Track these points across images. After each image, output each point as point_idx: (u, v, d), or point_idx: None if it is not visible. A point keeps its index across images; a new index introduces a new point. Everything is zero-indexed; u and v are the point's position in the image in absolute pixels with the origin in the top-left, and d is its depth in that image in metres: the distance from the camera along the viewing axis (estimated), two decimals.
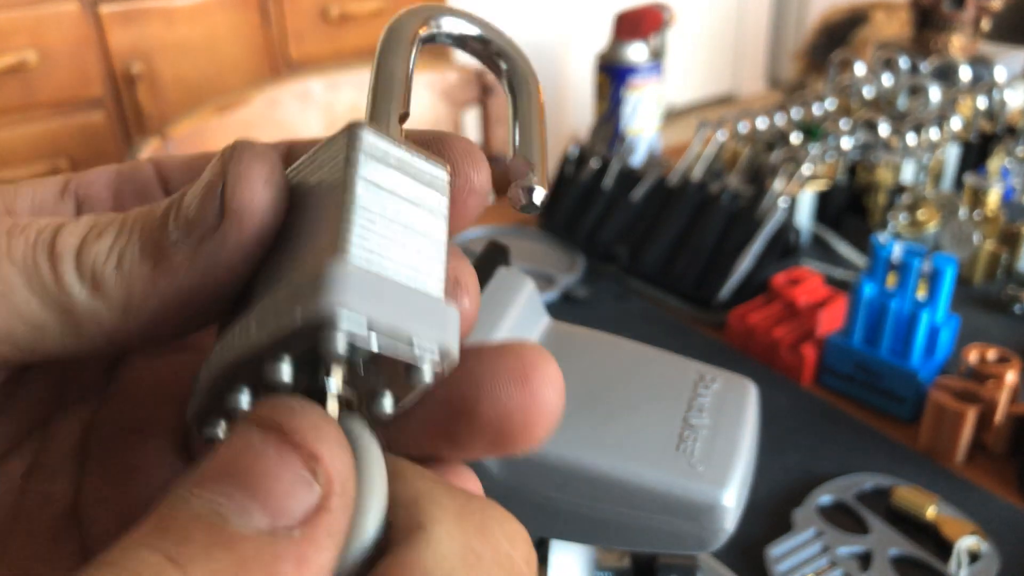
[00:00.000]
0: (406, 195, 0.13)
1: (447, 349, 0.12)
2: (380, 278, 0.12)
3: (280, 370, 0.12)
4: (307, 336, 0.11)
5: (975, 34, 0.98)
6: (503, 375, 0.13)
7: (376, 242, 0.12)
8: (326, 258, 0.11)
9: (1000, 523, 0.42)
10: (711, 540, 0.24)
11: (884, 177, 0.71)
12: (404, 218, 0.13)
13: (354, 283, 0.11)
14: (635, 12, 0.83)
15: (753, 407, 0.27)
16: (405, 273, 0.12)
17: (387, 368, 0.12)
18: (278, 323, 0.11)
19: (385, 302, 0.11)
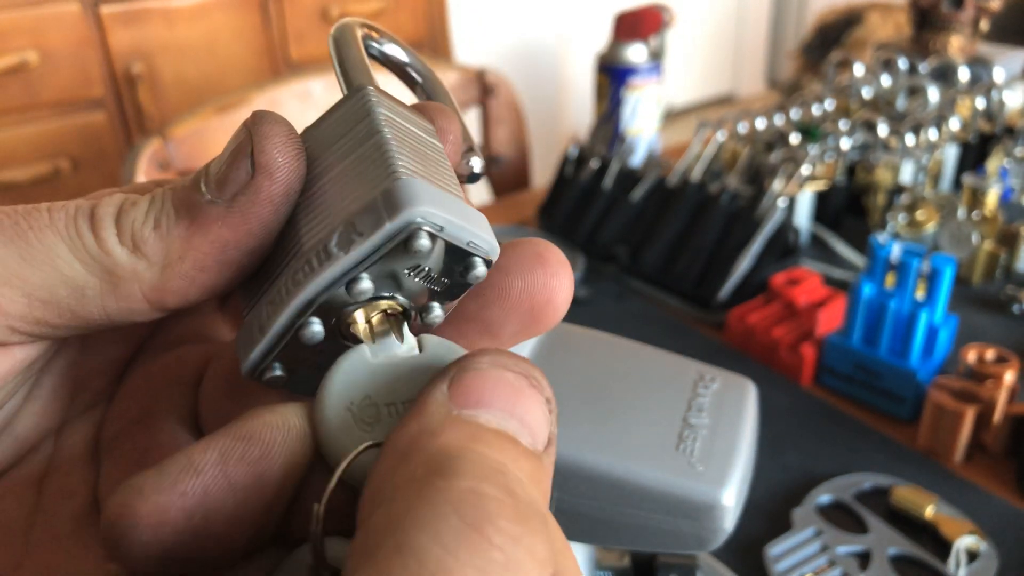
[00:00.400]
0: (417, 135, 0.15)
1: (494, 247, 0.14)
2: (436, 190, 0.13)
3: (363, 288, 0.13)
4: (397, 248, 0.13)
5: (974, 35, 0.98)
6: (525, 259, 0.15)
7: (417, 166, 0.14)
8: (389, 182, 0.13)
9: (998, 522, 0.42)
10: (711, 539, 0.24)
11: (883, 177, 0.71)
12: (423, 152, 0.14)
13: (425, 192, 0.13)
14: (635, 13, 0.83)
15: (752, 407, 0.27)
16: (444, 189, 0.14)
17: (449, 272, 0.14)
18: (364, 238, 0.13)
19: (447, 207, 0.13)
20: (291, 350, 0.14)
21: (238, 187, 0.14)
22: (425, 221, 0.13)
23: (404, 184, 0.13)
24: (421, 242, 0.13)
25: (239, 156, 0.14)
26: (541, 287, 0.14)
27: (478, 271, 0.14)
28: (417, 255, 0.13)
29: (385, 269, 0.13)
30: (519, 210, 0.82)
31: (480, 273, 0.14)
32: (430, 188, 0.13)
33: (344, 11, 1.46)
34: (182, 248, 0.14)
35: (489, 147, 0.98)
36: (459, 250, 0.13)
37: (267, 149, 0.14)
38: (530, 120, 1.06)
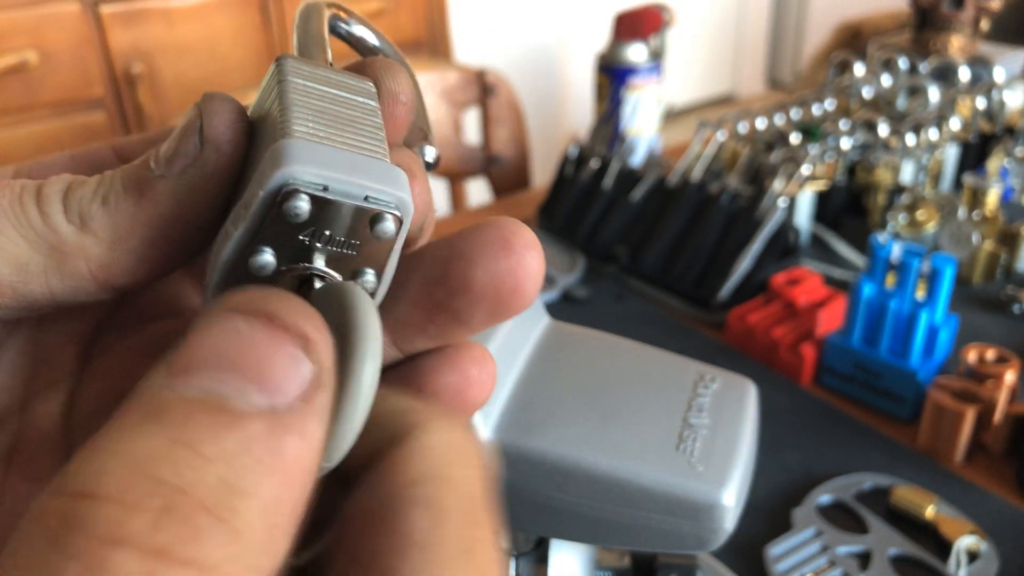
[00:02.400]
0: (338, 97, 0.14)
1: (402, 200, 0.13)
2: (327, 148, 0.13)
3: (264, 260, 0.13)
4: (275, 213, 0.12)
5: (974, 34, 0.98)
6: (489, 245, 0.14)
7: (317, 127, 0.13)
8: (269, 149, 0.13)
9: (999, 522, 0.42)
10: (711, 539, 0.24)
11: (883, 177, 0.71)
12: (339, 113, 0.14)
13: (304, 151, 0.13)
14: (635, 12, 0.83)
15: (753, 407, 0.27)
16: (350, 147, 0.13)
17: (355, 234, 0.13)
18: (247, 210, 0.13)
19: (336, 165, 0.13)
20: None
21: (187, 161, 0.14)
22: (298, 181, 0.12)
23: (279, 147, 0.13)
24: (298, 204, 0.12)
25: (188, 132, 0.14)
26: (506, 275, 0.14)
27: (384, 226, 0.13)
28: (300, 218, 0.12)
29: (288, 238, 0.13)
30: (519, 210, 0.82)
31: (387, 229, 0.13)
32: (314, 148, 0.13)
33: None
34: (130, 223, 0.14)
35: (489, 147, 0.98)
36: (360, 208, 0.13)
37: (215, 124, 0.14)
38: (530, 120, 1.06)
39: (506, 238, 0.14)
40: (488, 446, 0.13)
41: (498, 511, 0.12)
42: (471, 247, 0.14)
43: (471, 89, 0.96)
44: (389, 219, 0.13)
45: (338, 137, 0.13)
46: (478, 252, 0.14)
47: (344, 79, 0.15)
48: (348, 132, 0.14)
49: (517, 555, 0.29)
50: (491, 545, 0.11)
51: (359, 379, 0.12)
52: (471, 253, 0.14)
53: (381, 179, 0.13)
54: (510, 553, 0.29)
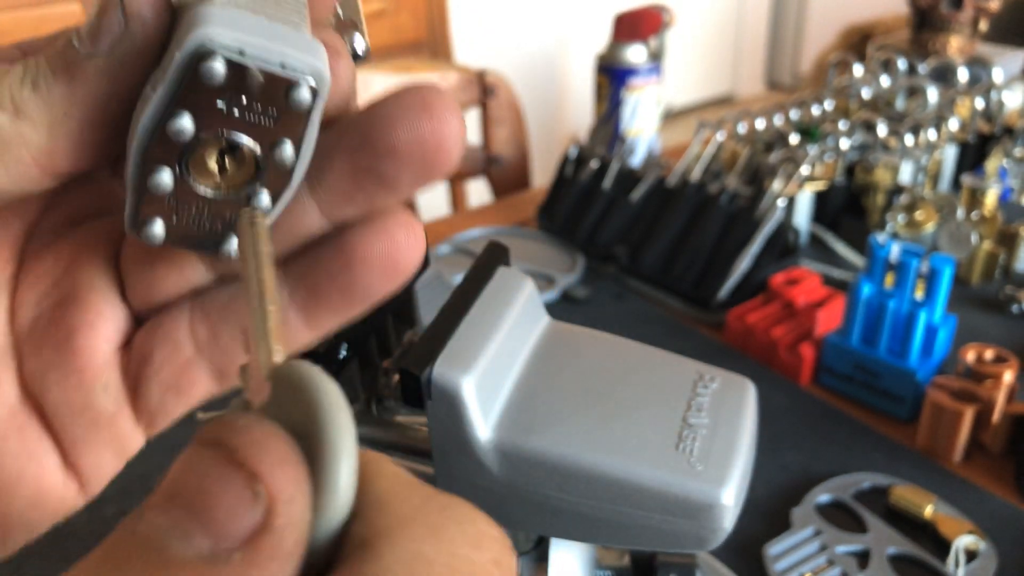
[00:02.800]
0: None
1: (318, 69, 0.13)
2: (247, 16, 0.13)
3: (182, 124, 0.13)
4: (194, 77, 0.12)
5: (973, 35, 0.98)
6: (410, 109, 0.14)
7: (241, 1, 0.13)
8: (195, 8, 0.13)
9: (998, 522, 0.42)
10: (710, 539, 0.24)
11: (882, 178, 0.71)
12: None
13: (222, 16, 0.13)
14: (634, 13, 0.83)
15: (752, 406, 0.27)
16: (271, 18, 0.13)
17: (272, 101, 0.13)
18: (164, 73, 0.13)
19: (254, 31, 0.13)
20: (156, 202, 0.14)
21: (113, 37, 0.14)
22: (215, 44, 0.12)
23: (198, 11, 0.13)
24: (214, 66, 0.12)
25: (109, 9, 0.14)
26: (429, 135, 0.14)
27: (300, 94, 0.13)
28: (217, 81, 0.13)
29: (206, 103, 0.13)
30: (519, 210, 0.82)
31: (303, 97, 0.13)
32: (233, 13, 0.13)
33: None
34: (66, 105, 0.14)
35: (489, 147, 0.98)
36: (275, 76, 0.13)
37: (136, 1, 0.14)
38: (530, 121, 1.06)
39: (427, 101, 0.14)
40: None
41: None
42: (393, 111, 0.14)
43: (471, 90, 0.96)
44: (304, 88, 0.13)
45: (259, 7, 0.13)
46: (401, 115, 0.14)
47: None
48: (270, 5, 0.14)
49: (517, 554, 0.29)
50: None
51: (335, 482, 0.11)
52: (394, 116, 0.14)
53: (298, 47, 0.13)
54: None
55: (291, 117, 0.14)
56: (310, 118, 0.14)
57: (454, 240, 0.74)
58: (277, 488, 0.10)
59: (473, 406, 0.23)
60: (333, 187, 0.15)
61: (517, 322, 0.26)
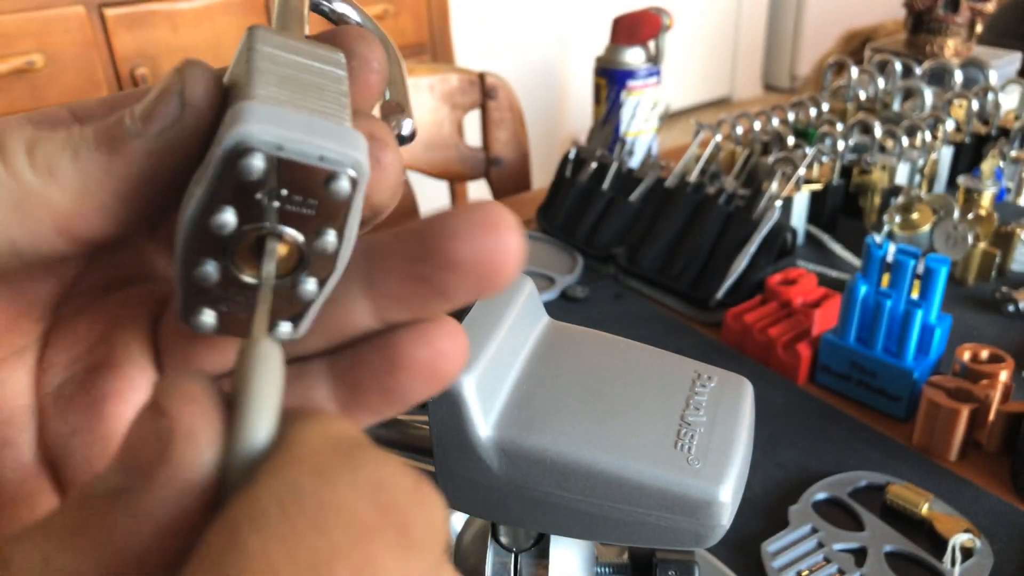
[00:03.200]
0: (304, 64, 0.15)
1: (356, 160, 0.14)
2: (286, 111, 0.13)
3: (224, 219, 0.13)
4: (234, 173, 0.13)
5: (969, 37, 0.99)
6: (476, 225, 0.14)
7: (280, 91, 0.14)
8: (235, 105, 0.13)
9: (993, 520, 0.43)
10: (708, 536, 0.25)
11: (879, 179, 0.72)
12: (304, 79, 0.14)
13: (261, 112, 0.13)
14: (633, 16, 0.83)
15: (749, 405, 0.27)
16: (311, 111, 0.14)
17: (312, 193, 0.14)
18: (207, 169, 0.13)
19: (292, 125, 0.13)
20: (204, 292, 0.14)
21: (165, 122, 0.14)
22: (253, 141, 0.13)
23: (238, 108, 0.13)
24: (253, 162, 0.13)
25: (168, 94, 0.14)
26: (492, 253, 0.14)
27: (339, 185, 0.13)
28: (256, 176, 0.13)
29: (248, 196, 0.13)
30: (519, 211, 0.83)
31: (342, 188, 0.13)
32: (272, 109, 0.13)
33: None
34: (100, 176, 0.14)
35: (490, 149, 0.98)
36: (314, 168, 0.13)
37: (195, 89, 0.14)
38: (530, 122, 1.06)
39: (492, 219, 0.14)
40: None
41: None
42: (459, 226, 0.15)
43: (472, 92, 0.97)
44: (344, 179, 0.13)
45: (300, 101, 0.14)
46: (465, 231, 0.14)
47: (314, 49, 0.15)
48: (311, 97, 0.14)
49: (517, 551, 0.29)
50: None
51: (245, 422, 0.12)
52: (459, 231, 0.14)
53: (336, 140, 0.13)
54: (510, 549, 0.29)
55: (332, 207, 0.14)
56: (351, 207, 0.14)
57: None
58: (178, 423, 0.11)
59: (473, 404, 0.24)
60: (389, 290, 0.15)
61: (517, 322, 0.26)
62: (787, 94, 2.96)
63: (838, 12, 2.89)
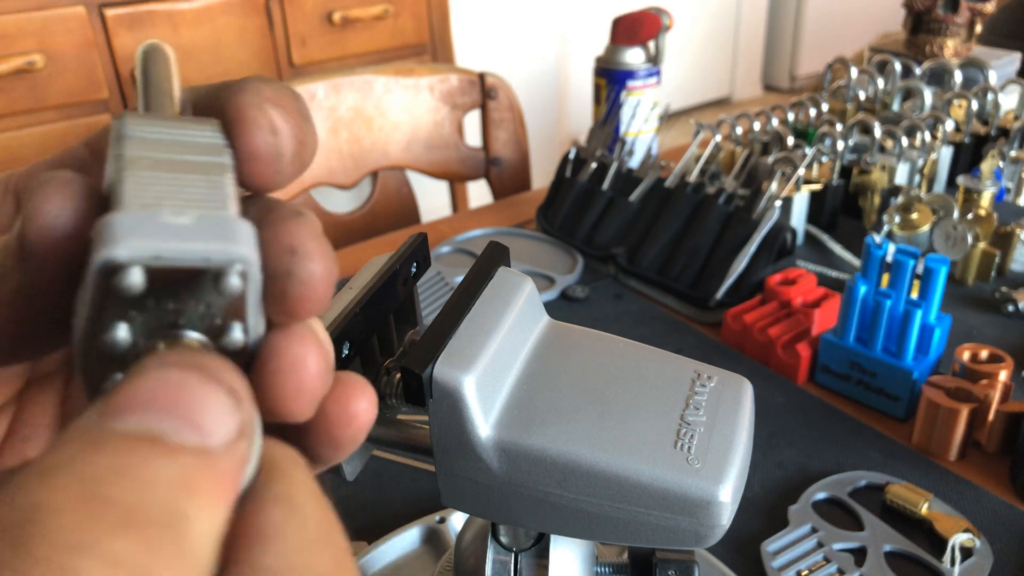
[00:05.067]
0: (177, 152, 0.14)
1: (242, 255, 0.13)
2: (157, 217, 0.12)
3: (116, 337, 0.13)
4: (114, 290, 0.12)
5: (968, 38, 0.99)
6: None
7: (153, 196, 0.13)
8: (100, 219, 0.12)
9: (993, 519, 0.43)
10: (708, 535, 0.25)
11: (878, 179, 0.72)
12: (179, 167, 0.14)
13: (128, 224, 0.12)
14: (633, 16, 0.84)
15: (749, 405, 0.28)
16: (187, 206, 0.13)
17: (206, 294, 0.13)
18: (85, 292, 0.12)
19: (167, 233, 0.12)
20: None
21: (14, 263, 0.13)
22: (123, 258, 0.12)
23: (100, 225, 0.12)
24: (130, 279, 0.12)
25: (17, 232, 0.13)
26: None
27: (230, 282, 0.13)
28: (137, 290, 0.12)
29: (138, 309, 0.13)
30: (519, 211, 0.83)
31: (233, 284, 0.13)
32: (142, 218, 0.12)
33: (346, 15, 1.46)
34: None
35: (490, 149, 0.98)
36: (200, 270, 0.13)
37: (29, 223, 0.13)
38: (530, 123, 1.06)
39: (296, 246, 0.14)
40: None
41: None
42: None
43: (472, 92, 0.97)
44: (233, 275, 0.13)
45: (175, 195, 0.13)
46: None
47: (188, 130, 0.14)
48: (189, 187, 0.13)
49: (517, 551, 0.29)
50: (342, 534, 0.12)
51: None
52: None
53: (217, 236, 0.13)
54: (510, 549, 0.29)
55: (229, 303, 0.13)
56: (247, 300, 0.13)
57: (454, 240, 0.74)
58: (248, 408, 0.12)
59: (474, 404, 0.24)
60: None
61: (517, 321, 0.26)
62: (787, 94, 2.96)
63: (838, 12, 2.89)
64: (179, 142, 0.14)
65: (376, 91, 0.93)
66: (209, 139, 0.14)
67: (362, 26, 1.49)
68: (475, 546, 0.30)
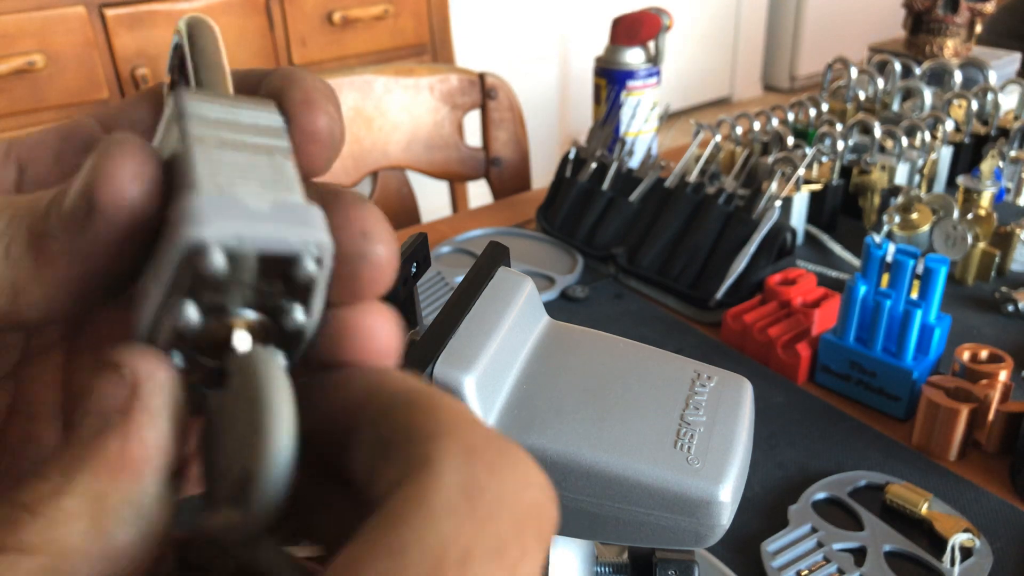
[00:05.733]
0: (242, 128, 0.14)
1: (319, 241, 0.13)
2: (235, 200, 0.13)
3: (186, 317, 0.13)
4: (192, 272, 0.12)
5: (968, 38, 0.99)
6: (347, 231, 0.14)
7: (225, 177, 0.13)
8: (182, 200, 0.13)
9: (993, 519, 0.43)
10: (708, 535, 0.25)
11: (878, 179, 0.72)
12: (245, 148, 0.14)
13: (212, 207, 0.12)
14: (633, 16, 0.84)
15: (749, 405, 0.28)
16: (259, 190, 0.13)
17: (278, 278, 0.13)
18: (161, 270, 0.13)
19: (247, 216, 0.13)
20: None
21: (76, 226, 0.13)
22: (208, 239, 0.12)
23: (185, 208, 0.12)
24: (213, 261, 0.12)
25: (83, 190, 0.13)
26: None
27: (305, 267, 0.13)
28: (216, 274, 0.12)
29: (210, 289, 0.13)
30: (519, 211, 0.83)
31: (308, 269, 0.13)
32: (223, 201, 0.12)
33: (346, 15, 1.46)
34: (28, 280, 0.14)
35: (490, 149, 0.98)
36: (277, 255, 0.13)
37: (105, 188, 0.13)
38: (530, 123, 1.06)
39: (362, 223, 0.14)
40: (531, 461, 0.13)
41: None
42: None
43: (472, 92, 0.97)
44: (308, 260, 0.13)
45: (247, 178, 0.13)
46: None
47: (248, 110, 0.14)
48: (257, 171, 0.13)
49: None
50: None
51: (270, 454, 0.12)
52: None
53: (294, 221, 0.13)
54: None
55: (298, 286, 0.13)
56: (317, 285, 0.14)
57: (454, 240, 0.74)
58: (138, 368, 0.13)
59: (474, 404, 0.24)
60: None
61: (517, 321, 0.26)
62: (787, 94, 2.96)
63: (838, 12, 2.89)
64: (240, 123, 0.14)
65: (376, 91, 0.93)
66: (268, 120, 0.15)
67: (362, 26, 1.49)
68: None
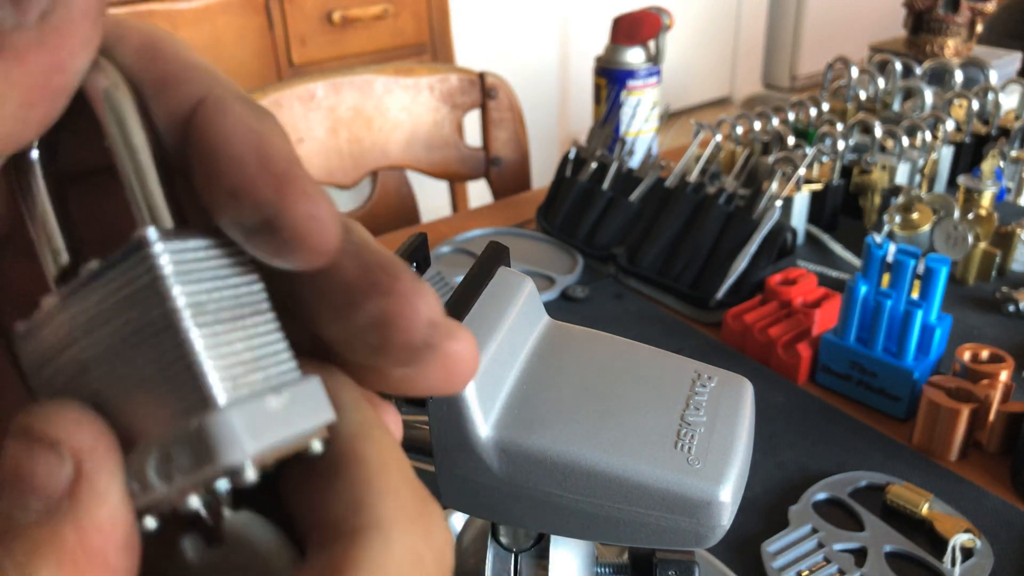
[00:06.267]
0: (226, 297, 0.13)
1: (327, 419, 0.13)
2: (263, 407, 0.12)
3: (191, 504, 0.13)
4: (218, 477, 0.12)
5: (969, 37, 0.99)
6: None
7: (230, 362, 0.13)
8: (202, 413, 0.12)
9: (994, 520, 0.43)
10: (708, 536, 0.25)
11: (879, 178, 0.72)
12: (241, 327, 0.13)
13: (240, 420, 0.12)
14: (633, 16, 0.84)
15: (749, 405, 0.28)
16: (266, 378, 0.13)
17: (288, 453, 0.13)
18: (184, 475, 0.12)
19: (269, 420, 0.13)
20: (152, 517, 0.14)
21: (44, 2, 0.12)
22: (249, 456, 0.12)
23: (220, 421, 0.12)
24: (247, 474, 0.12)
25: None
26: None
27: (314, 447, 0.13)
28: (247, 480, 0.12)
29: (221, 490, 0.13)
30: (518, 211, 0.83)
31: (316, 448, 0.13)
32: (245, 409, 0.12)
33: (346, 15, 1.46)
34: (1, 87, 0.12)
35: (490, 149, 0.98)
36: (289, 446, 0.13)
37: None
38: (530, 122, 1.06)
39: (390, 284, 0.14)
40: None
41: None
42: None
43: (472, 92, 0.97)
44: (317, 441, 0.13)
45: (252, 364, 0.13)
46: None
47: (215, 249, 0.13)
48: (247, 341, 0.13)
49: (517, 551, 0.29)
50: None
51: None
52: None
53: (309, 411, 0.13)
54: (510, 549, 0.29)
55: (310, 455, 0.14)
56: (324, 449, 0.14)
57: (454, 240, 0.74)
58: (78, 445, 0.12)
59: (473, 404, 0.24)
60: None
61: (517, 322, 0.26)
62: (787, 94, 2.96)
63: (838, 12, 2.89)
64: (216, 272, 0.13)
65: (376, 91, 0.93)
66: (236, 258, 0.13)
67: (362, 26, 1.49)
68: (475, 546, 0.30)
